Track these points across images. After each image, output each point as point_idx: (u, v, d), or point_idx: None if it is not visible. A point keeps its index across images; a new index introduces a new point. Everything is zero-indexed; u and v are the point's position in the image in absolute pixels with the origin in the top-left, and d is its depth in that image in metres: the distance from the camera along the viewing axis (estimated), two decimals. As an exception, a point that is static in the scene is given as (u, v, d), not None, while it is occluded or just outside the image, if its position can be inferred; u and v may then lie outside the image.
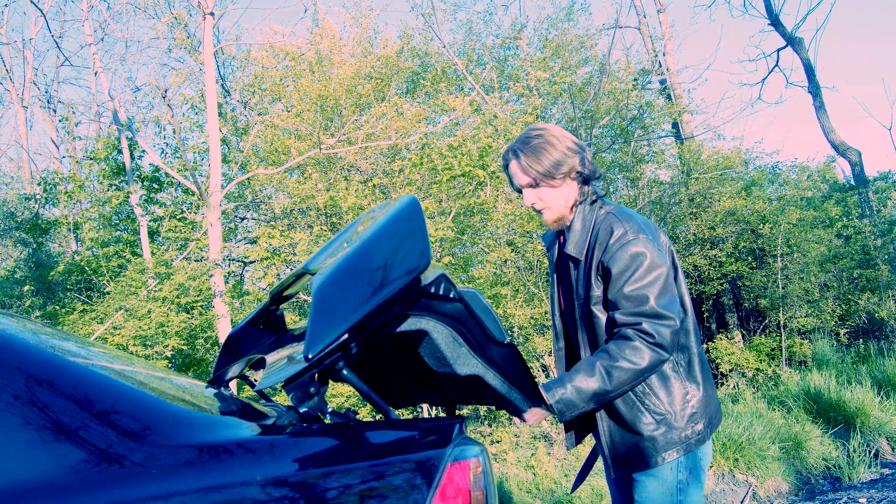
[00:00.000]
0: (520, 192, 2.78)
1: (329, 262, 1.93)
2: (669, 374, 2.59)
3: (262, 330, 2.77)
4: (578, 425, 2.88)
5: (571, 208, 2.72)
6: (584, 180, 2.69)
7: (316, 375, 1.92)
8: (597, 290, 2.61)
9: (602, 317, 2.61)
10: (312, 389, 1.89)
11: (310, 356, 1.66)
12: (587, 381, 2.45)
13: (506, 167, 2.79)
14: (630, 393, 2.56)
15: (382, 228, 1.86)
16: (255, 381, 2.68)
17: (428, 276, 1.96)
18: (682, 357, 2.62)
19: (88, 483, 1.47)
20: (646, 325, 2.45)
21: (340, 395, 7.40)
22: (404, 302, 1.94)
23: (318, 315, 1.70)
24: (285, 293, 2.69)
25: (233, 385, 6.65)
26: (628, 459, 2.63)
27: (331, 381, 3.34)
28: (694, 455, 2.61)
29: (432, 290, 1.96)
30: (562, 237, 2.82)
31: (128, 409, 1.61)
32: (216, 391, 2.35)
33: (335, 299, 1.73)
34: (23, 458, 1.46)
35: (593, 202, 2.72)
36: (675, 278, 2.66)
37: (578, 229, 2.69)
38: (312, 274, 2.02)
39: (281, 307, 2.83)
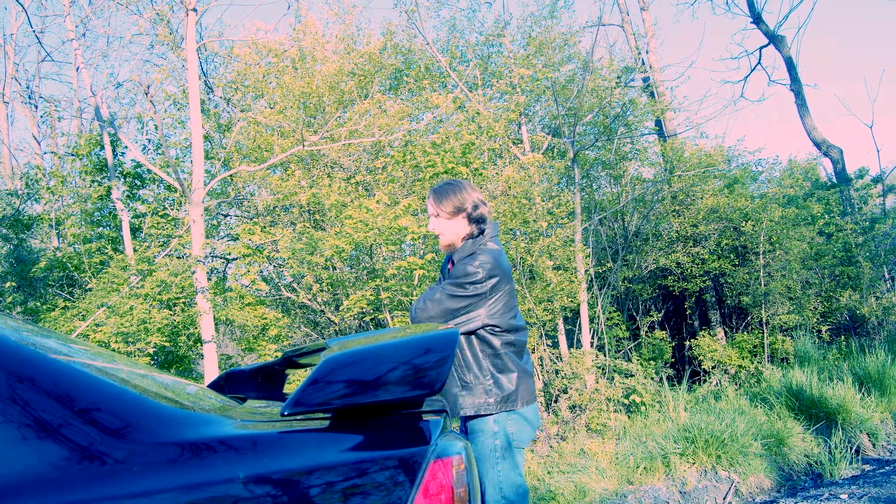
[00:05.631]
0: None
1: (352, 344, 1.94)
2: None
3: (260, 382, 2.84)
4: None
5: (462, 239, 3.59)
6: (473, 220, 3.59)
7: None
8: None
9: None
10: None
11: (285, 413, 1.70)
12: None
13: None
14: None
15: (417, 338, 1.86)
16: None
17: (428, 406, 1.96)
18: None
19: (70, 480, 1.46)
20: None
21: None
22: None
23: (313, 383, 1.70)
24: (299, 360, 2.73)
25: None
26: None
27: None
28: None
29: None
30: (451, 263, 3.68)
31: (110, 407, 1.60)
32: (198, 388, 2.35)
33: (337, 376, 1.73)
34: (4, 456, 1.45)
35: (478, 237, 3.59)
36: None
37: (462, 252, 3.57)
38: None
39: (288, 370, 2.90)
